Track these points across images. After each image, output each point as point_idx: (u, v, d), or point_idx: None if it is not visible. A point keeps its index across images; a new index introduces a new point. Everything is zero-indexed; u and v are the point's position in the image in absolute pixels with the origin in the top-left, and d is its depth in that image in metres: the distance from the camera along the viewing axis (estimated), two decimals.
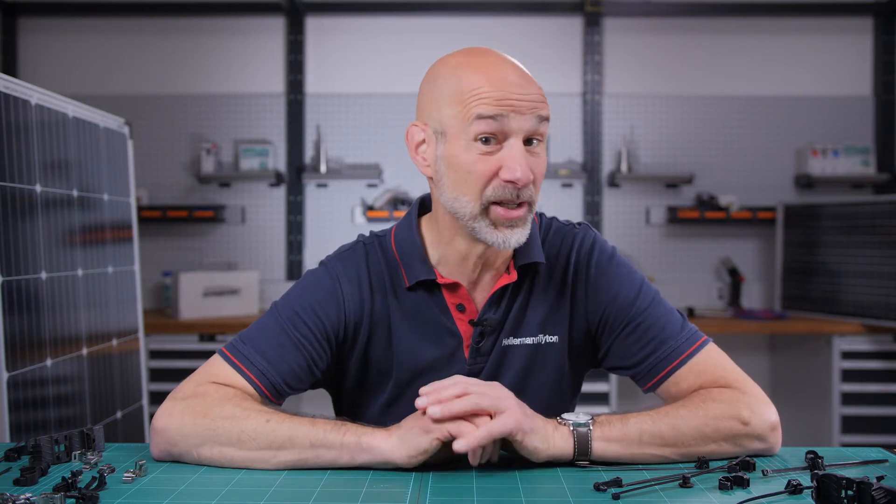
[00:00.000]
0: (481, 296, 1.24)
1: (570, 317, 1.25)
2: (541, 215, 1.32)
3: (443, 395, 1.01)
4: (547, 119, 1.13)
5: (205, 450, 1.08)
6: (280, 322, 1.20)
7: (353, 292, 1.23)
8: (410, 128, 1.20)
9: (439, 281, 1.21)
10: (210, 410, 1.09)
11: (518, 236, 1.14)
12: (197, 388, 1.14)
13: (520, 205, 1.13)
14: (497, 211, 1.13)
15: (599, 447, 1.06)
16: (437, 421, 1.00)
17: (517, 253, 1.23)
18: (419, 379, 1.23)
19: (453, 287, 1.22)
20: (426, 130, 1.18)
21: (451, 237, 1.20)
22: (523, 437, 1.02)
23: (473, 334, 1.22)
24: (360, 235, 1.31)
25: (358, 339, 1.24)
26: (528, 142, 1.13)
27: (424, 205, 1.29)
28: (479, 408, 1.01)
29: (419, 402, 1.01)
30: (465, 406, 1.00)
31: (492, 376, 1.23)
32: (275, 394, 1.18)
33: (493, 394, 1.03)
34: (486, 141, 1.11)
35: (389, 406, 1.26)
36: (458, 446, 0.99)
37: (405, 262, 1.24)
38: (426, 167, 1.20)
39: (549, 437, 1.05)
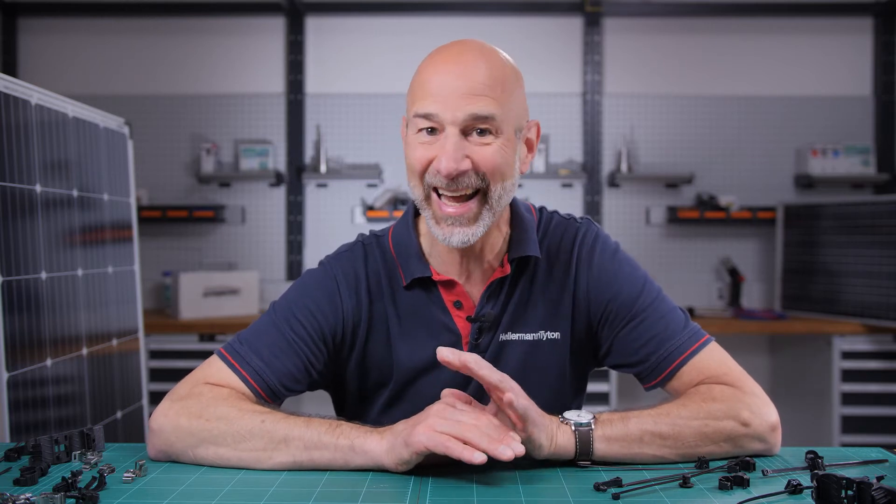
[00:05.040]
0: (477, 291, 1.24)
1: (573, 313, 1.25)
2: (541, 209, 1.31)
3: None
4: (489, 116, 1.10)
5: (200, 450, 1.08)
6: (277, 323, 1.20)
7: (351, 294, 1.23)
8: (402, 119, 1.24)
9: (434, 278, 1.22)
10: (204, 411, 1.09)
11: (461, 235, 1.14)
12: (192, 388, 1.14)
13: (466, 199, 1.13)
14: (438, 202, 1.14)
15: (601, 447, 1.06)
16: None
17: (511, 246, 1.23)
18: (419, 378, 1.23)
19: (449, 284, 1.22)
20: (405, 122, 1.21)
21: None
22: (532, 428, 1.02)
23: (472, 330, 1.22)
24: (360, 235, 1.31)
25: (356, 341, 1.24)
26: (481, 132, 1.12)
27: None
28: (488, 370, 1.02)
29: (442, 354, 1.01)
30: (479, 361, 1.01)
31: None
32: (271, 395, 1.17)
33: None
34: (430, 131, 1.13)
35: (391, 405, 1.26)
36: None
37: (402, 260, 1.24)
38: None
39: (553, 434, 1.05)
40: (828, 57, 4.01)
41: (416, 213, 1.29)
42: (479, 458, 0.94)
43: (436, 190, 1.15)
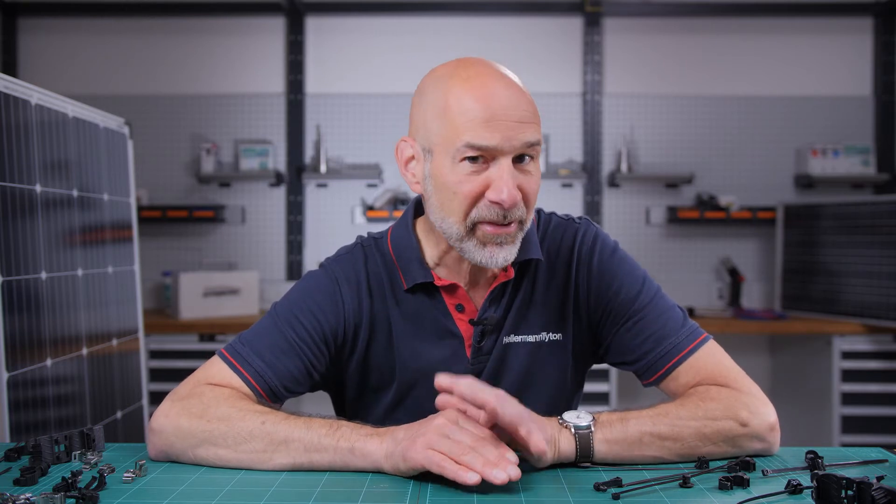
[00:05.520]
0: (480, 295, 1.23)
1: (574, 313, 1.25)
2: (539, 211, 1.31)
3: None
4: (538, 143, 1.11)
5: (201, 451, 1.08)
6: (278, 324, 1.20)
7: (352, 296, 1.22)
8: (400, 143, 1.19)
9: (437, 283, 1.21)
10: (206, 412, 1.09)
11: (506, 254, 1.13)
12: (193, 388, 1.14)
13: (509, 223, 1.12)
14: (485, 228, 1.11)
15: (601, 449, 1.06)
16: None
17: None
18: (422, 381, 1.22)
19: (451, 288, 1.22)
20: (415, 146, 1.17)
21: (448, 244, 1.19)
22: (537, 440, 1.01)
23: (474, 333, 1.22)
24: (359, 237, 1.30)
25: (358, 343, 1.23)
26: (520, 158, 1.11)
27: (420, 205, 1.29)
28: (480, 392, 1.00)
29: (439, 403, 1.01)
30: (472, 387, 0.99)
31: (493, 375, 1.23)
32: (271, 396, 1.18)
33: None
34: (473, 160, 1.09)
35: (394, 409, 1.26)
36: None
37: (402, 264, 1.23)
38: (416, 184, 1.18)
39: (555, 441, 1.05)
40: (828, 57, 4.01)
41: (415, 215, 1.28)
42: (472, 478, 0.94)
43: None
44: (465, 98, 1.09)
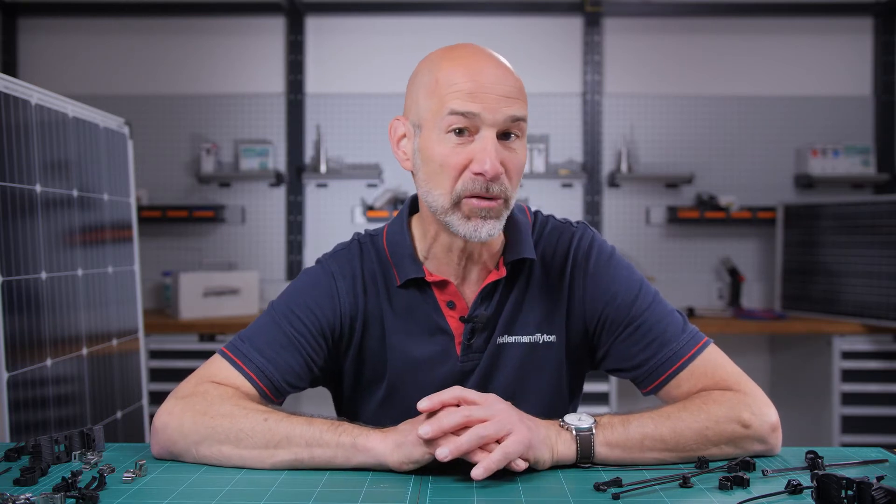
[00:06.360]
0: (471, 292, 1.23)
1: (568, 316, 1.25)
2: (536, 213, 1.31)
3: (444, 424, 0.98)
4: (523, 118, 1.13)
5: (203, 448, 1.08)
6: (277, 321, 1.21)
7: (349, 289, 1.23)
8: (393, 122, 1.22)
9: (428, 279, 1.22)
10: (209, 409, 1.09)
11: (489, 228, 1.13)
12: (197, 386, 1.15)
13: (493, 198, 1.13)
14: (470, 202, 1.12)
15: (602, 452, 1.06)
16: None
17: (506, 249, 1.23)
18: (413, 376, 1.23)
19: (442, 284, 1.22)
20: (406, 124, 1.19)
21: (435, 231, 1.20)
22: (533, 454, 1.02)
23: (464, 331, 1.22)
24: (356, 234, 1.32)
25: (353, 336, 1.24)
26: (505, 135, 1.13)
27: (416, 203, 1.29)
28: (484, 440, 0.99)
29: (422, 432, 0.98)
30: (471, 441, 0.98)
31: (486, 374, 1.23)
32: (274, 392, 1.18)
33: (496, 417, 1.00)
34: (458, 132, 1.11)
35: (384, 403, 1.26)
36: (477, 473, 0.96)
37: (396, 260, 1.24)
38: (406, 161, 1.21)
39: (553, 445, 1.05)
40: (828, 57, 4.01)
41: (410, 213, 1.29)
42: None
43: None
44: (452, 73, 1.12)
